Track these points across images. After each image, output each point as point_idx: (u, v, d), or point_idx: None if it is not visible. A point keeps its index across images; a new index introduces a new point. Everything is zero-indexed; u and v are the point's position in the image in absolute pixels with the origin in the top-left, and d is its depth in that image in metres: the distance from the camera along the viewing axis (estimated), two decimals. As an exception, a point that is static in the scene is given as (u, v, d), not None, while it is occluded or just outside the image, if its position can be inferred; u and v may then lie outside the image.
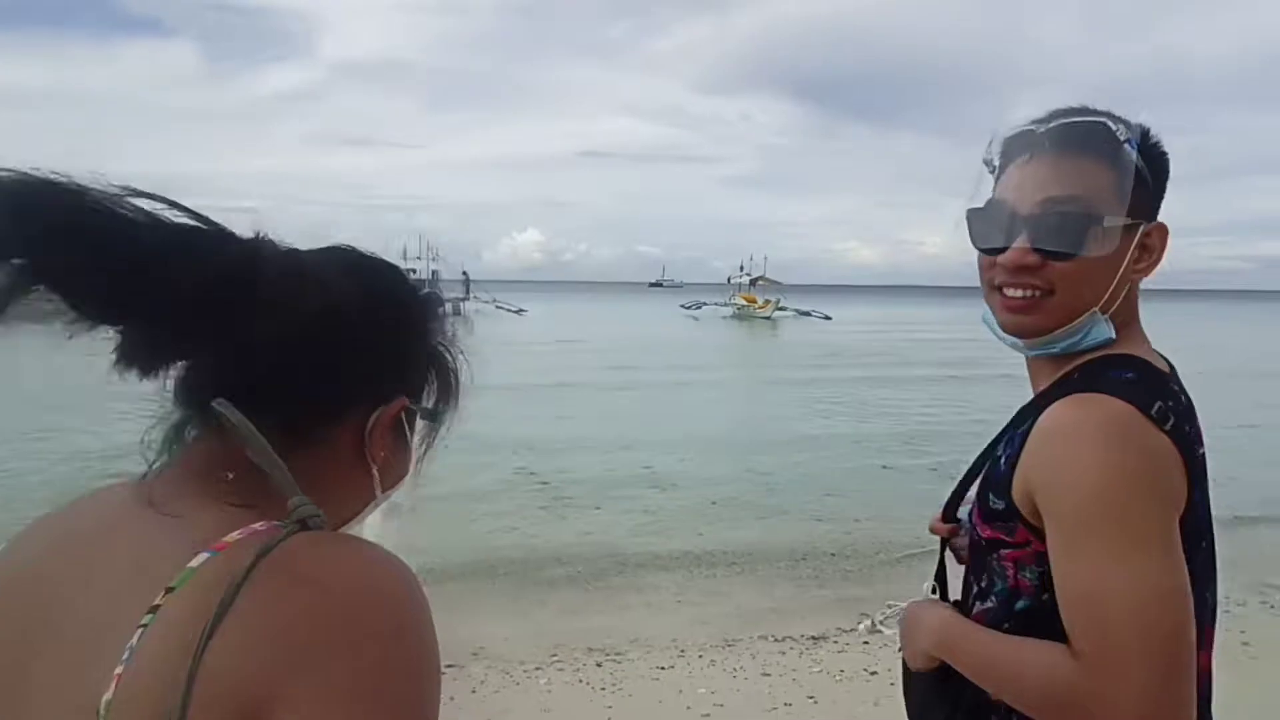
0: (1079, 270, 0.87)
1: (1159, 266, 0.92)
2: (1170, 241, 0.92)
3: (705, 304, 55.63)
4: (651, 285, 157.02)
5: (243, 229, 0.63)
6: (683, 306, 56.81)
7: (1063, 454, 0.81)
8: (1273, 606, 5.09)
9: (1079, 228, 0.87)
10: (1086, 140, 0.88)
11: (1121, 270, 0.88)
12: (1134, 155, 0.87)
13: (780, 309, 49.07)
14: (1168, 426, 0.81)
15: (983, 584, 0.94)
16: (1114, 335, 0.89)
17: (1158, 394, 0.84)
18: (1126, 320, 0.92)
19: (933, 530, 1.11)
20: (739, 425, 11.24)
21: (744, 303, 50.54)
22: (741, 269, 53.74)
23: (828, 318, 49.40)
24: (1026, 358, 0.98)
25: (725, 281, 54.77)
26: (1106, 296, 0.88)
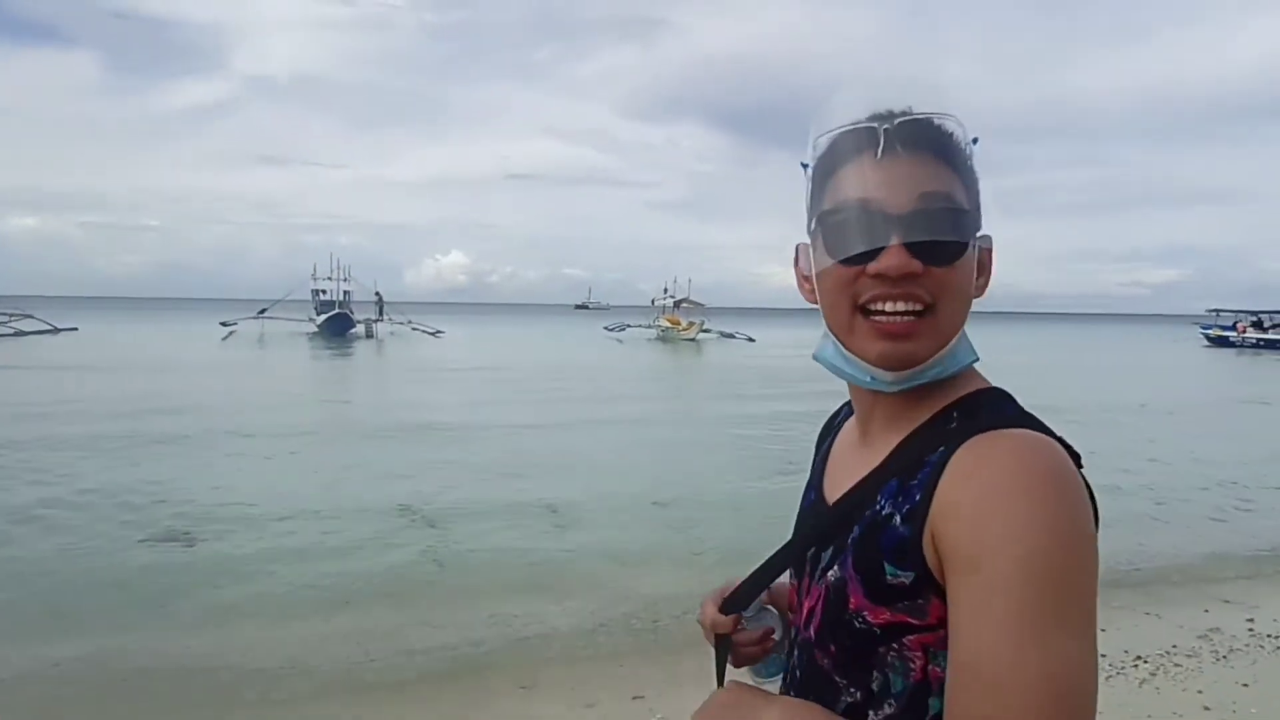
0: (958, 280, 0.77)
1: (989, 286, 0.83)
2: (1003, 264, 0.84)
3: (629, 326, 54.94)
4: (577, 307, 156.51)
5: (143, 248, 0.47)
6: (606, 328, 56.08)
7: (1005, 505, 0.66)
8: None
9: (965, 226, 0.77)
10: (943, 139, 0.77)
11: (971, 287, 0.80)
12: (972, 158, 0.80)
13: (704, 331, 48.79)
14: (1083, 471, 0.73)
15: (872, 686, 0.77)
16: (978, 357, 0.81)
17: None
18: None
19: (710, 626, 0.96)
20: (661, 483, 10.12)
21: (668, 325, 50.04)
22: (665, 291, 53.21)
23: (751, 340, 49.50)
24: (857, 392, 0.86)
25: (650, 303, 54.05)
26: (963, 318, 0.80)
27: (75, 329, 42.64)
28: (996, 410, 0.77)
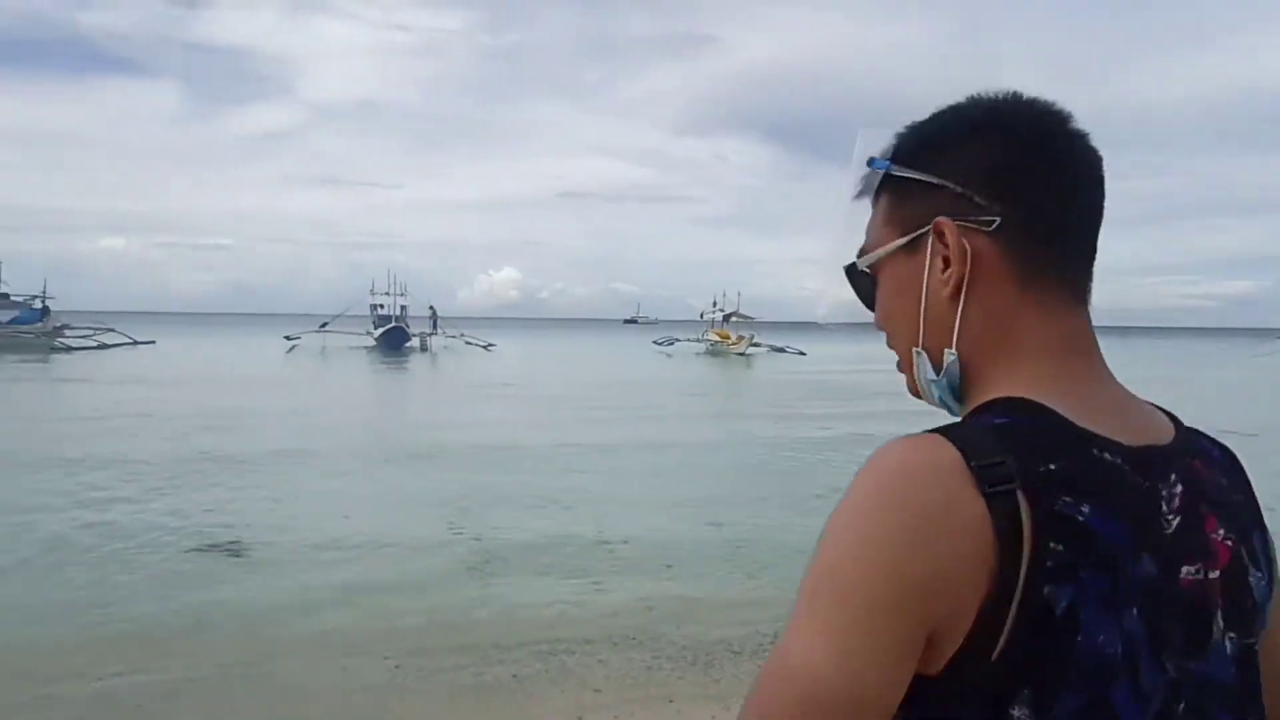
0: (884, 303, 0.76)
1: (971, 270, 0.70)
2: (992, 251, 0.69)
3: (678, 340, 55.12)
4: (626, 322, 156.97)
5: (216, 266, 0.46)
6: (655, 343, 56.31)
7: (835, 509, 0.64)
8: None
9: (853, 273, 0.80)
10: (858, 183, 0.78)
11: (925, 293, 0.71)
12: (873, 166, 0.75)
13: (754, 345, 48.65)
14: (994, 489, 0.58)
15: None
16: (948, 369, 0.71)
17: (1014, 446, 0.60)
18: (1001, 352, 0.69)
19: None
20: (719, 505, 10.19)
21: (717, 339, 50.05)
22: (714, 305, 53.30)
23: (802, 354, 49.08)
24: None
25: (699, 317, 54.20)
26: (923, 330, 0.71)
27: (153, 342, 44.73)
28: (959, 423, 0.68)
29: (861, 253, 0.77)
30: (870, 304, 0.79)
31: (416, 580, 6.72)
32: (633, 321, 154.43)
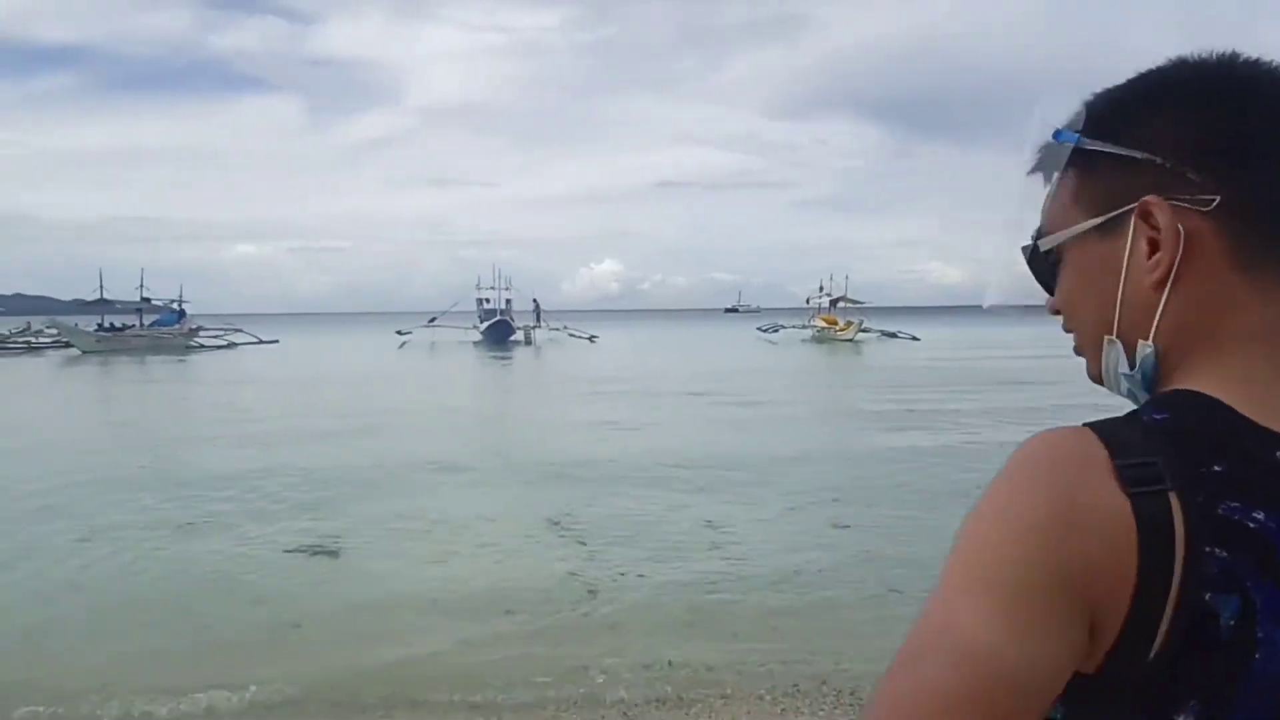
0: (1064, 299, 0.73)
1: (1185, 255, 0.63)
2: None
3: (783, 326, 53.72)
4: (727, 310, 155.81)
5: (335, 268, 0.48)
6: (759, 329, 55.15)
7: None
8: None
9: (1034, 257, 0.75)
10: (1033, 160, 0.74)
11: (1123, 280, 0.66)
12: (1059, 140, 0.69)
13: (863, 330, 46.75)
14: (1139, 489, 0.57)
15: None
16: (1142, 363, 0.66)
17: (1168, 446, 0.58)
18: (1203, 344, 0.64)
19: None
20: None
21: (824, 325, 48.39)
22: (821, 290, 51.43)
23: (915, 339, 46.92)
24: None
25: (804, 303, 52.51)
26: (1118, 319, 0.67)
27: (277, 341, 47.36)
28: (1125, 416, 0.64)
29: (1041, 233, 0.72)
30: (1050, 288, 0.74)
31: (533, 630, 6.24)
32: (734, 310, 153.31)
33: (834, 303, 50.43)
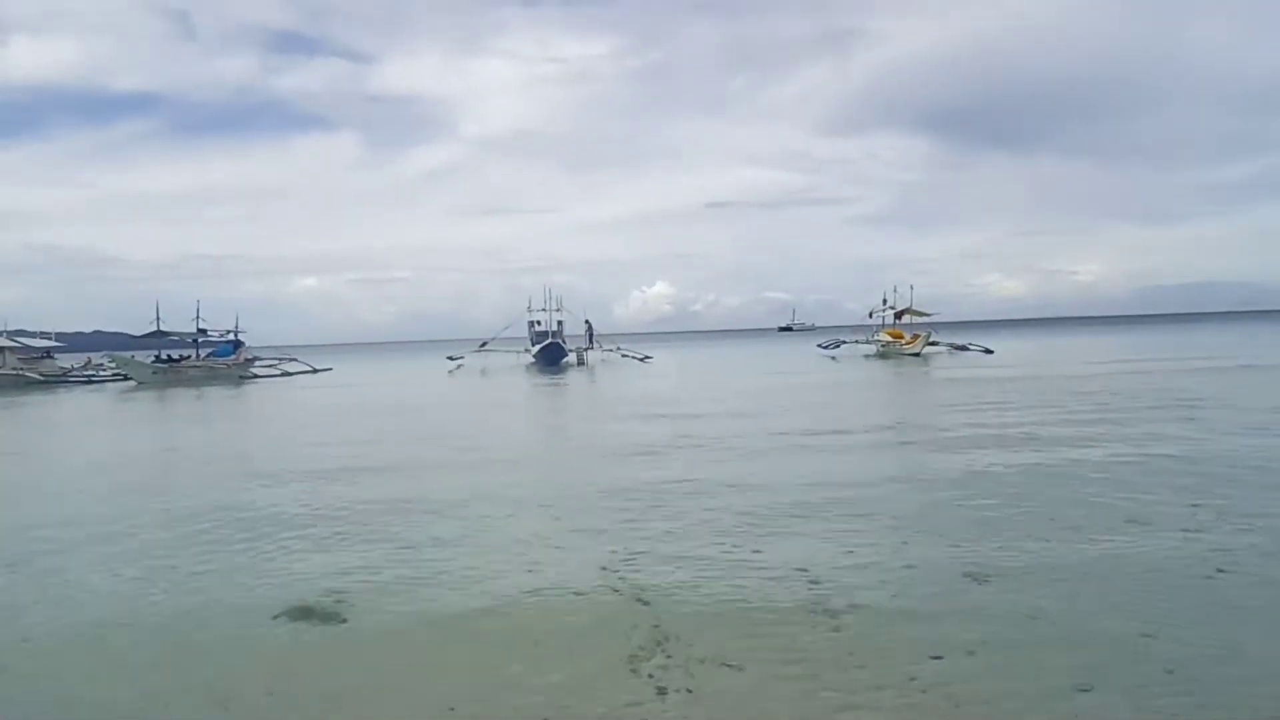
0: None
1: None
2: None
3: (844, 342, 51.39)
4: (782, 329, 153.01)
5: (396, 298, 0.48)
6: (820, 346, 52.98)
7: None
8: None
9: None
10: None
11: None
12: None
13: (931, 344, 44.20)
14: None
15: None
16: None
17: None
18: None
19: None
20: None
21: (889, 339, 45.96)
22: (884, 303, 48.94)
23: (989, 351, 44.18)
24: None
25: (867, 317, 50.04)
26: None
27: (330, 369, 47.21)
28: None
29: None
30: None
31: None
32: (788, 329, 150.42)
33: (899, 315, 47.88)
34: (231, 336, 43.96)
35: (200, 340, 42.25)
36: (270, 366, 44.64)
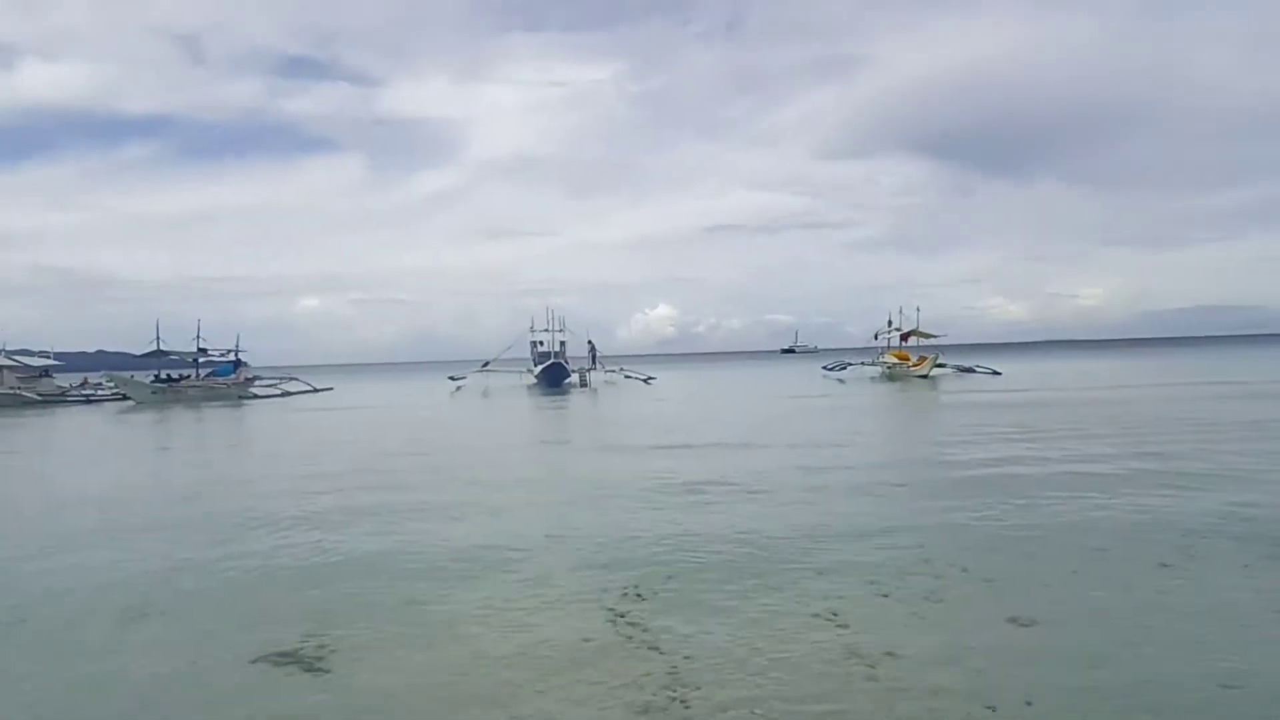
0: None
1: None
2: None
3: (850, 364, 50.96)
4: (784, 351, 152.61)
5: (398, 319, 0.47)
6: (825, 368, 52.57)
7: None
8: None
9: None
10: None
11: None
12: None
13: (939, 365, 43.68)
14: None
15: None
16: None
17: None
18: None
19: None
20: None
21: (895, 361, 45.45)
22: (890, 325, 48.48)
23: (996, 373, 43.72)
24: None
25: (873, 338, 49.56)
26: None
27: (330, 389, 46.79)
28: None
29: None
30: None
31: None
32: (790, 351, 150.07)
33: (904, 337, 47.40)
34: (232, 356, 43.61)
35: (200, 360, 41.89)
36: (270, 386, 44.25)
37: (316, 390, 45.28)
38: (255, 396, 41.29)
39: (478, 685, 4.84)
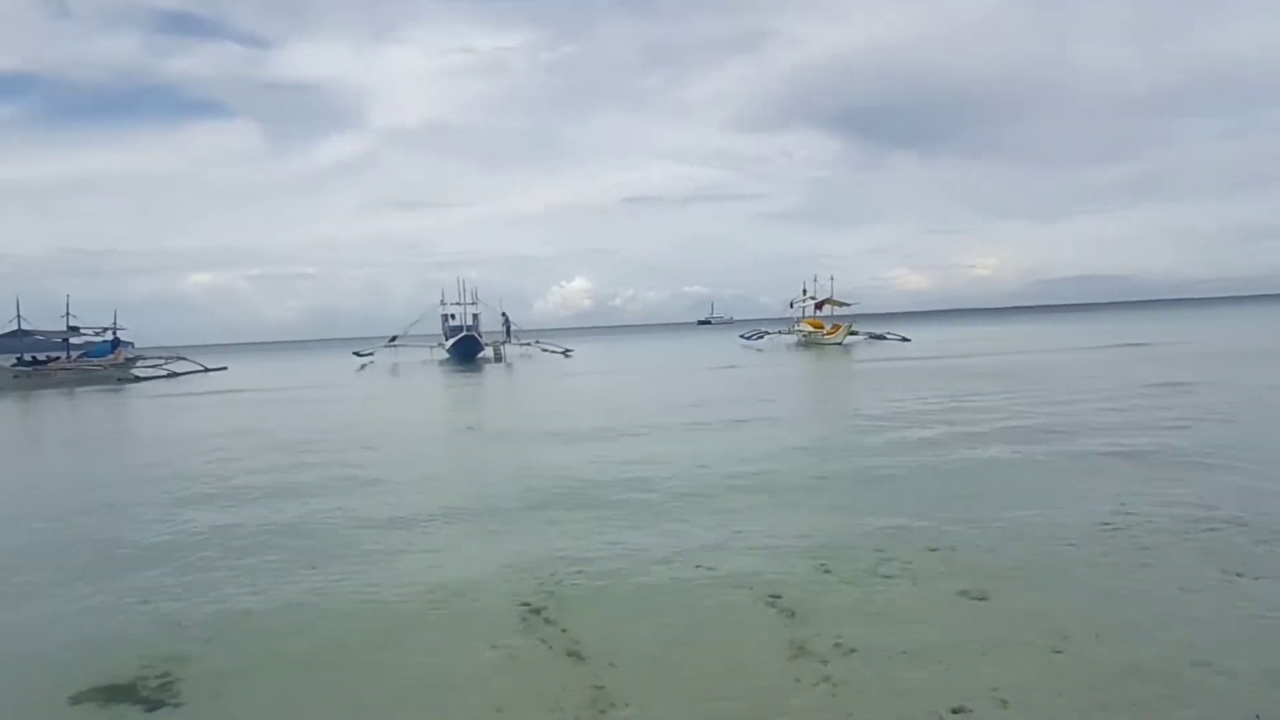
0: None
1: None
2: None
3: (767, 333, 51.35)
4: (700, 323, 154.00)
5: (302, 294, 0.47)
6: (742, 337, 52.86)
7: None
8: None
9: None
10: None
11: None
12: None
13: (852, 333, 44.36)
14: None
15: None
16: None
17: None
18: None
19: None
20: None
21: (810, 329, 45.93)
22: (804, 293, 48.94)
23: (906, 339, 44.75)
24: None
25: (788, 307, 49.97)
26: None
27: (224, 368, 43.77)
28: None
29: None
30: None
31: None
32: (706, 322, 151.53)
33: (819, 305, 47.95)
34: (109, 335, 40.07)
35: (71, 340, 38.28)
36: (155, 367, 40.95)
37: (208, 370, 42.23)
38: (137, 379, 38.02)
39: (365, 715, 3.97)
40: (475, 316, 46.44)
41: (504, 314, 47.07)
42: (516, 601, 5.34)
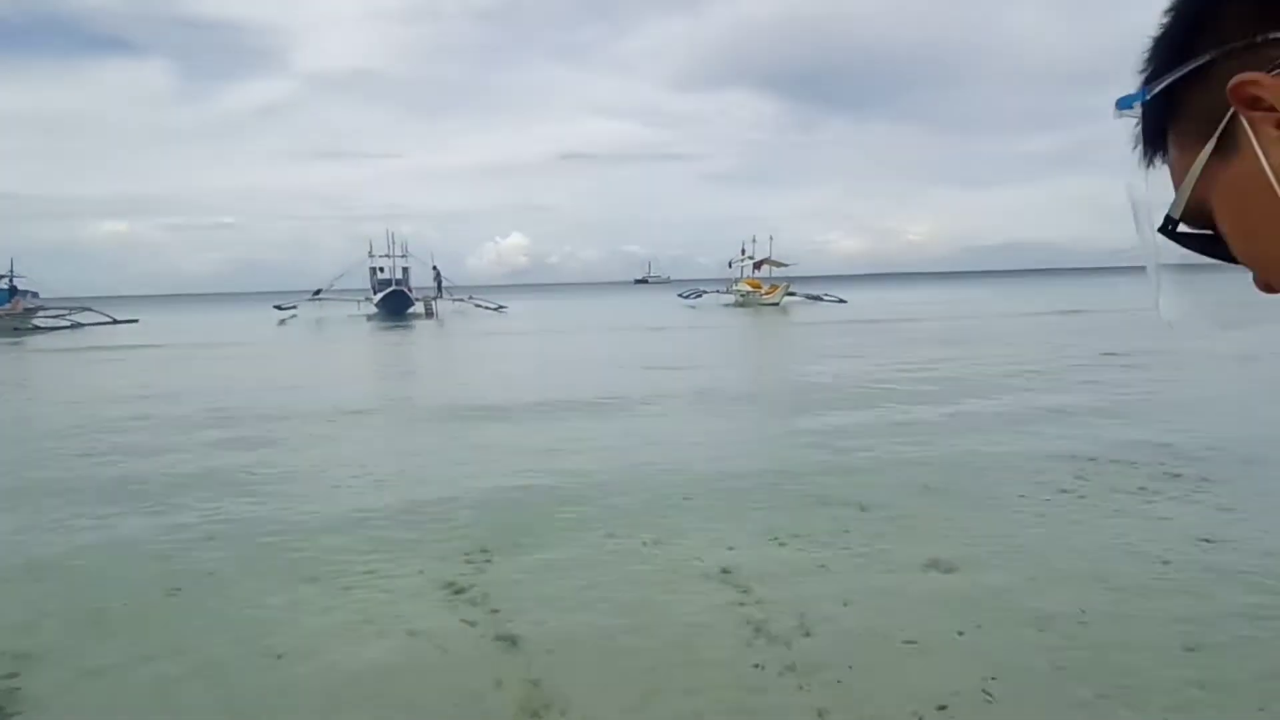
0: (1240, 247, 0.59)
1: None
2: None
3: (705, 292, 51.10)
4: (637, 282, 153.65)
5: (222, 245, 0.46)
6: (680, 296, 52.55)
7: None
8: None
9: (1176, 235, 0.63)
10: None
11: (1276, 179, 0.53)
12: (1124, 108, 0.62)
13: (789, 294, 44.43)
14: None
15: None
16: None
17: None
18: None
19: None
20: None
21: (748, 289, 45.81)
22: (743, 253, 48.70)
23: (842, 301, 45.11)
24: None
25: (727, 266, 49.71)
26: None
27: (135, 321, 41.25)
28: None
29: (1170, 215, 0.61)
30: (1220, 254, 0.60)
31: None
32: (644, 281, 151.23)
33: (758, 265, 47.82)
34: (6, 282, 37.08)
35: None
36: (57, 318, 38.21)
37: (116, 323, 39.65)
38: (37, 329, 35.43)
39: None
40: (405, 270, 44.77)
41: (435, 268, 45.49)
42: (440, 582, 4.77)
